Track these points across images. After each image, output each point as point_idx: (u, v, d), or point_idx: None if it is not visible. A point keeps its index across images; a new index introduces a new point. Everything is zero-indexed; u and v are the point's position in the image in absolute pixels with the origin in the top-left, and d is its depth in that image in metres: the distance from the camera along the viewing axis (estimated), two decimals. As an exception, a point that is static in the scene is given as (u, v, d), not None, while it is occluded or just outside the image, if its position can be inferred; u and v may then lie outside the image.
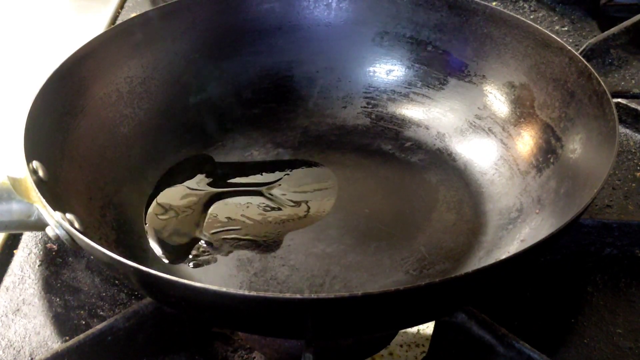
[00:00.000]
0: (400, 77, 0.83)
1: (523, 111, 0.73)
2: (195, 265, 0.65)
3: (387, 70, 0.83)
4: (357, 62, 0.84)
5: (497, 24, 0.76)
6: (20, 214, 0.61)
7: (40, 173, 0.60)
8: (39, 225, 0.61)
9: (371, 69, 0.84)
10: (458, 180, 0.74)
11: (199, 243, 0.67)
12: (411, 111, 0.81)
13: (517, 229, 0.65)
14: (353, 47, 0.84)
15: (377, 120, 0.82)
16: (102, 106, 0.73)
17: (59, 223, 0.56)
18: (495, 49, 0.76)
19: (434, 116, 0.80)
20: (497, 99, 0.76)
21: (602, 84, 0.64)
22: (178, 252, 0.66)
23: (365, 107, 0.83)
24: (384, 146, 0.79)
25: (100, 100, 0.73)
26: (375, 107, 0.83)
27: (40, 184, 0.58)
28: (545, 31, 0.72)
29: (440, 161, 0.76)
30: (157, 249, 0.66)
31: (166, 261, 0.65)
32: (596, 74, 0.65)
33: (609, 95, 0.63)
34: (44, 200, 0.55)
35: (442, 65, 0.81)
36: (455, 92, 0.79)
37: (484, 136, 0.76)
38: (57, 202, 0.58)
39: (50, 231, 0.59)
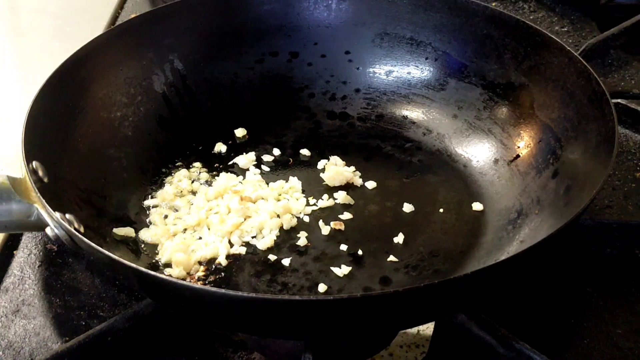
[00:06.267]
0: (400, 78, 0.83)
1: (523, 112, 0.73)
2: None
3: (387, 71, 0.83)
4: (357, 63, 0.84)
5: (496, 24, 0.76)
6: (20, 214, 0.61)
7: (40, 173, 0.60)
8: (39, 225, 0.61)
9: (371, 69, 0.84)
10: (458, 181, 0.74)
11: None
12: (411, 112, 0.81)
13: (516, 230, 0.65)
14: (353, 48, 0.84)
15: (377, 121, 0.82)
16: (102, 106, 0.73)
17: (58, 223, 0.56)
18: (495, 49, 0.76)
19: (434, 117, 0.80)
20: (496, 100, 0.76)
21: (602, 84, 0.64)
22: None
23: (365, 108, 0.83)
24: (384, 147, 0.79)
25: (100, 101, 0.73)
26: (376, 108, 0.83)
27: (40, 184, 0.59)
28: (545, 32, 0.72)
29: (440, 162, 0.76)
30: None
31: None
32: (595, 75, 0.65)
33: (608, 96, 0.63)
34: (43, 201, 0.55)
35: (442, 66, 0.81)
36: (455, 93, 0.79)
37: (484, 137, 0.76)
38: (56, 202, 0.58)
39: (50, 231, 0.59)
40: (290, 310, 0.49)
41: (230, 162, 0.77)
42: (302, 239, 0.67)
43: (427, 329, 0.66)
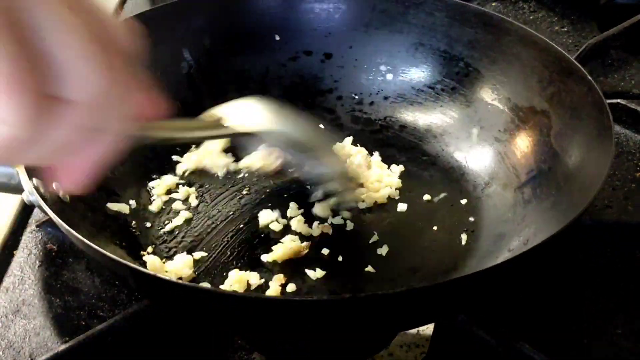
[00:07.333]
0: (429, 90, 0.81)
1: (540, 139, 0.70)
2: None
3: (418, 82, 0.82)
4: (389, 70, 0.83)
5: (527, 45, 0.74)
6: (1, 176, 0.63)
7: None
8: (19, 188, 0.62)
9: (402, 78, 0.83)
10: (462, 201, 0.72)
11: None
12: (434, 125, 0.80)
13: (515, 232, 0.65)
14: (387, 55, 0.83)
15: (399, 131, 0.81)
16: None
17: (32, 190, 0.57)
18: (523, 72, 0.74)
19: (455, 133, 0.78)
20: (517, 123, 0.73)
21: (611, 118, 0.62)
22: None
23: (390, 116, 0.82)
24: (399, 157, 0.78)
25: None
26: (400, 117, 0.82)
27: None
28: (571, 58, 0.70)
29: (451, 180, 0.74)
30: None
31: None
32: (608, 109, 0.63)
33: (613, 132, 0.61)
34: (22, 167, 0.57)
35: (471, 82, 0.79)
36: (480, 112, 0.77)
37: (499, 160, 0.73)
38: (42, 170, 0.58)
39: (26, 196, 0.59)
40: (289, 310, 0.49)
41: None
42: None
43: (427, 329, 0.66)
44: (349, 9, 0.84)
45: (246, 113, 0.62)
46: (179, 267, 0.63)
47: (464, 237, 0.67)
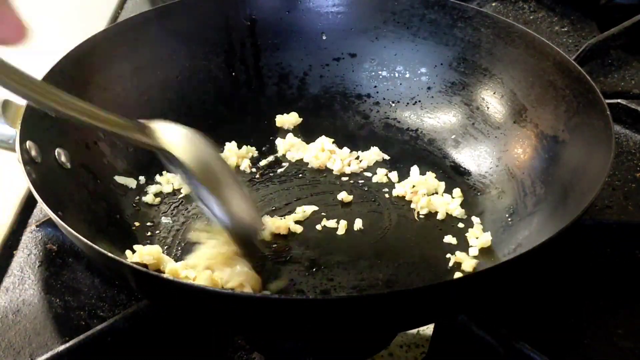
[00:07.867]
0: (465, 107, 0.80)
1: (555, 170, 0.69)
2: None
3: (455, 97, 0.81)
4: (430, 82, 0.83)
5: (562, 72, 0.72)
6: (1, 135, 0.64)
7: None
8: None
9: (441, 92, 0.82)
10: (462, 226, 0.71)
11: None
12: (463, 143, 0.79)
13: (514, 232, 0.65)
14: (430, 67, 0.83)
15: (428, 144, 0.80)
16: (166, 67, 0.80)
17: (20, 151, 0.58)
18: (554, 99, 0.72)
19: (481, 154, 0.77)
20: (539, 151, 0.72)
21: (611, 157, 0.61)
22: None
23: (421, 128, 0.82)
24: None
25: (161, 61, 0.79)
26: (432, 131, 0.81)
27: (32, 116, 0.61)
28: (597, 90, 0.68)
29: (464, 204, 0.73)
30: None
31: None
32: (615, 141, 0.62)
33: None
34: (19, 127, 0.58)
35: (505, 103, 0.77)
36: (508, 134, 0.76)
37: (514, 187, 0.72)
38: (49, 134, 0.62)
39: (18, 156, 0.60)
40: (289, 309, 0.49)
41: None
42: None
43: (427, 329, 0.66)
44: (400, 16, 0.83)
45: (165, 131, 0.60)
46: (144, 253, 0.63)
47: (452, 258, 0.66)
